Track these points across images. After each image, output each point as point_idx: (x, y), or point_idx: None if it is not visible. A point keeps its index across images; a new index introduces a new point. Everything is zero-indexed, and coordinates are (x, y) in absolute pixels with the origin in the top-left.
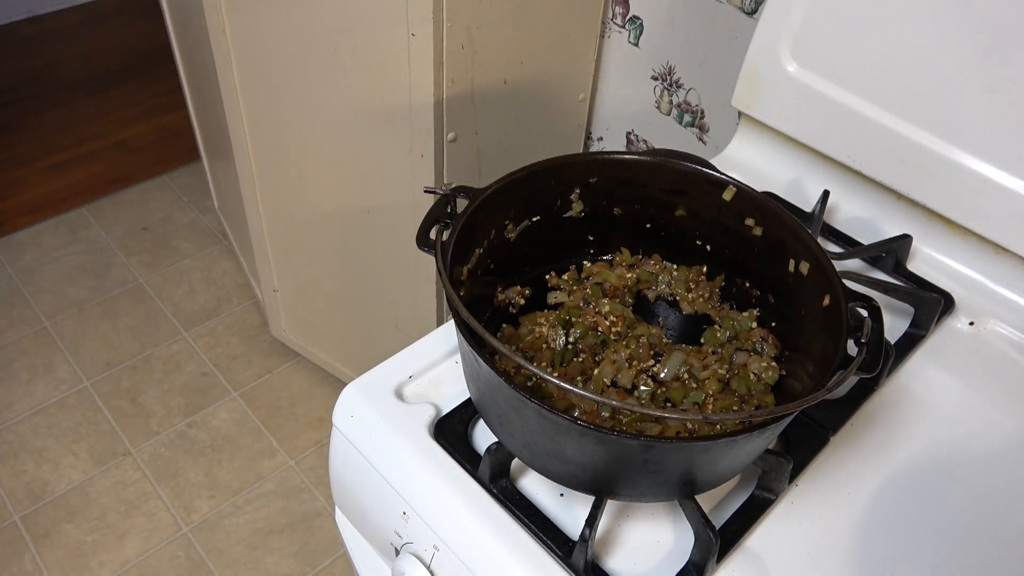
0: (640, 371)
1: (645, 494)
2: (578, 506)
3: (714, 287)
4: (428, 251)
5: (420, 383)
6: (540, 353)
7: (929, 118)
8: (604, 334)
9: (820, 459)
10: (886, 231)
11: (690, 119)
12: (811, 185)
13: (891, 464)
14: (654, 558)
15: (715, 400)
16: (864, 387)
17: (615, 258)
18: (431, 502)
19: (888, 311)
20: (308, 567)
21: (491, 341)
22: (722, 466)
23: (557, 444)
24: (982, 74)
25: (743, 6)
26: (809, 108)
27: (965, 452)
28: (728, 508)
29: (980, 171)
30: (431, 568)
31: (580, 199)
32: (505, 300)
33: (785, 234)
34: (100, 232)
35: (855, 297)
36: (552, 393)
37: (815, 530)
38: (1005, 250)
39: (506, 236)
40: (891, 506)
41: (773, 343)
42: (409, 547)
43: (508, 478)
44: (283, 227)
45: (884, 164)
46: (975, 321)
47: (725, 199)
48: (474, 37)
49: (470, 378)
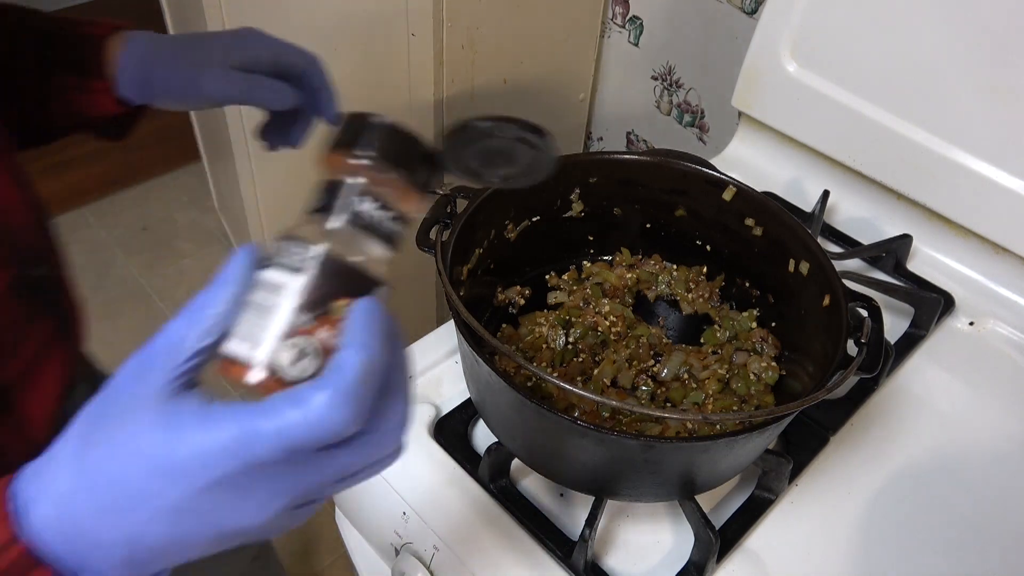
0: (640, 371)
1: (645, 494)
2: (578, 506)
3: (714, 287)
4: (428, 251)
5: (420, 383)
6: (540, 353)
7: (929, 118)
8: (604, 334)
9: (820, 459)
10: (886, 231)
11: (690, 119)
12: (811, 185)
13: (891, 464)
14: (654, 558)
15: (715, 400)
16: (864, 387)
17: (615, 258)
18: (431, 502)
19: (888, 311)
20: (308, 567)
21: (491, 341)
22: (722, 466)
23: (557, 444)
24: (982, 74)
25: (743, 6)
26: (809, 108)
27: (965, 452)
28: (728, 508)
29: (980, 171)
30: (431, 568)
31: (580, 199)
32: (505, 300)
33: (785, 234)
34: (100, 232)
35: (855, 297)
36: (552, 393)
37: (815, 530)
38: (1005, 250)
39: (506, 236)
40: (891, 506)
41: (773, 343)
42: (409, 547)
43: (508, 478)
44: (283, 227)
45: (884, 164)
46: (975, 321)
47: (725, 199)
48: (474, 37)
49: (470, 378)
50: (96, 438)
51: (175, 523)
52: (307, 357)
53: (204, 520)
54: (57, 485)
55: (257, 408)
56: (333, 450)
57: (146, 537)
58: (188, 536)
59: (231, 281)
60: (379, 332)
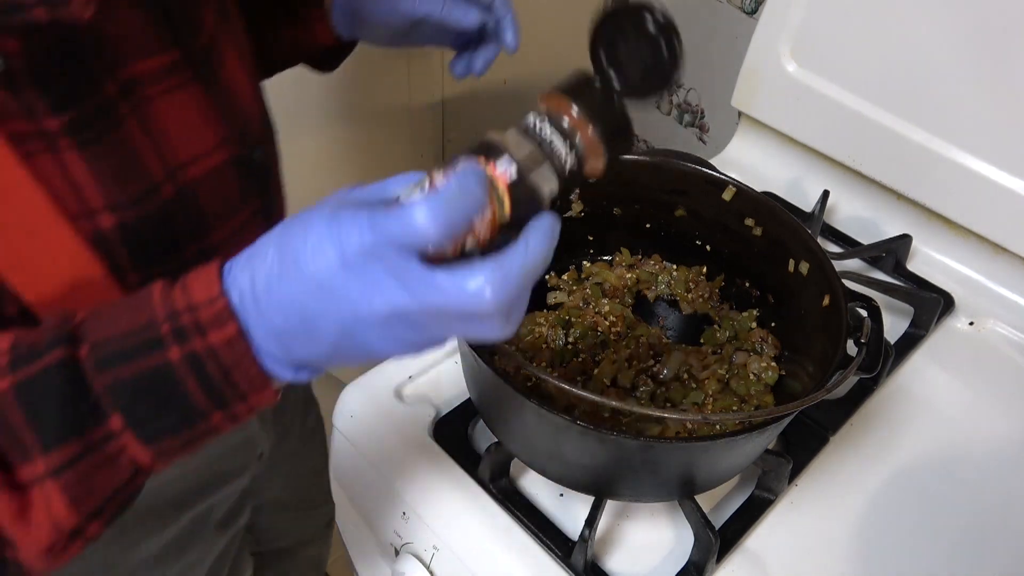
0: (640, 371)
1: (645, 494)
2: (578, 506)
3: (714, 287)
4: None
5: (420, 383)
6: (540, 353)
7: (929, 118)
8: (604, 334)
9: (820, 459)
10: (886, 231)
11: (690, 119)
12: (811, 185)
13: (890, 464)
14: (654, 558)
15: (715, 400)
16: (864, 387)
17: (615, 258)
18: (431, 502)
19: (888, 311)
20: None
21: None
22: (722, 466)
23: (557, 444)
24: (982, 74)
25: (743, 6)
26: (809, 108)
27: (964, 452)
28: (728, 508)
29: (980, 171)
30: (431, 568)
31: (580, 199)
32: None
33: (785, 234)
34: None
35: (855, 297)
36: (552, 393)
37: (815, 530)
38: (1005, 250)
39: None
40: (891, 505)
41: (773, 343)
42: (409, 547)
43: (508, 478)
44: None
45: (884, 164)
46: (975, 321)
47: (725, 199)
48: None
49: (470, 378)
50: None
51: (325, 297)
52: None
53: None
54: (256, 264)
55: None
56: (475, 320)
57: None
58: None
59: (408, 178)
60: (547, 245)
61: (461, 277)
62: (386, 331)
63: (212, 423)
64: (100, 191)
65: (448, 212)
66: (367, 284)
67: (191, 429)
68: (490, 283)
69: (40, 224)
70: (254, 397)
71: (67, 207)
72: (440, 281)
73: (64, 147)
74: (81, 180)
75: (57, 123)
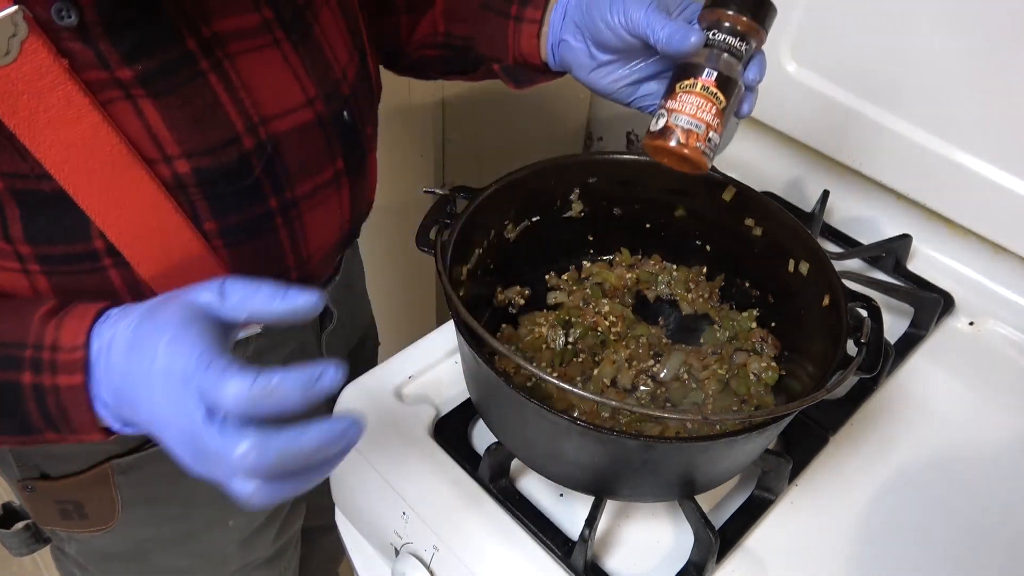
0: (640, 371)
1: (645, 494)
2: (578, 506)
3: (714, 287)
4: (428, 251)
5: (419, 383)
6: (540, 353)
7: (929, 118)
8: (604, 334)
9: (820, 459)
10: (886, 231)
11: None
12: (811, 185)
13: (891, 464)
14: (654, 558)
15: (715, 400)
16: (864, 387)
17: (615, 258)
18: (431, 502)
19: (888, 311)
20: None
21: (491, 341)
22: (722, 466)
23: (557, 444)
24: (982, 74)
25: None
26: (809, 108)
27: (964, 452)
28: (728, 508)
29: (980, 171)
30: (431, 568)
31: (580, 199)
32: (505, 300)
33: (785, 234)
34: None
35: (855, 297)
36: (552, 393)
37: (815, 530)
38: (1005, 250)
39: (506, 236)
40: (890, 506)
41: (773, 343)
42: (409, 547)
43: (508, 478)
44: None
45: (884, 164)
46: (975, 321)
47: (725, 199)
48: None
49: (470, 378)
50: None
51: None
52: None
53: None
54: (120, 327)
55: None
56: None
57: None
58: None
59: None
60: (325, 440)
61: (230, 437)
62: (181, 440)
63: (45, 438)
64: (175, 138)
65: (256, 399)
66: (171, 400)
67: (25, 436)
68: (254, 448)
69: (119, 167)
70: (83, 434)
71: (143, 152)
72: (212, 431)
73: (138, 96)
74: (156, 127)
75: (130, 73)
